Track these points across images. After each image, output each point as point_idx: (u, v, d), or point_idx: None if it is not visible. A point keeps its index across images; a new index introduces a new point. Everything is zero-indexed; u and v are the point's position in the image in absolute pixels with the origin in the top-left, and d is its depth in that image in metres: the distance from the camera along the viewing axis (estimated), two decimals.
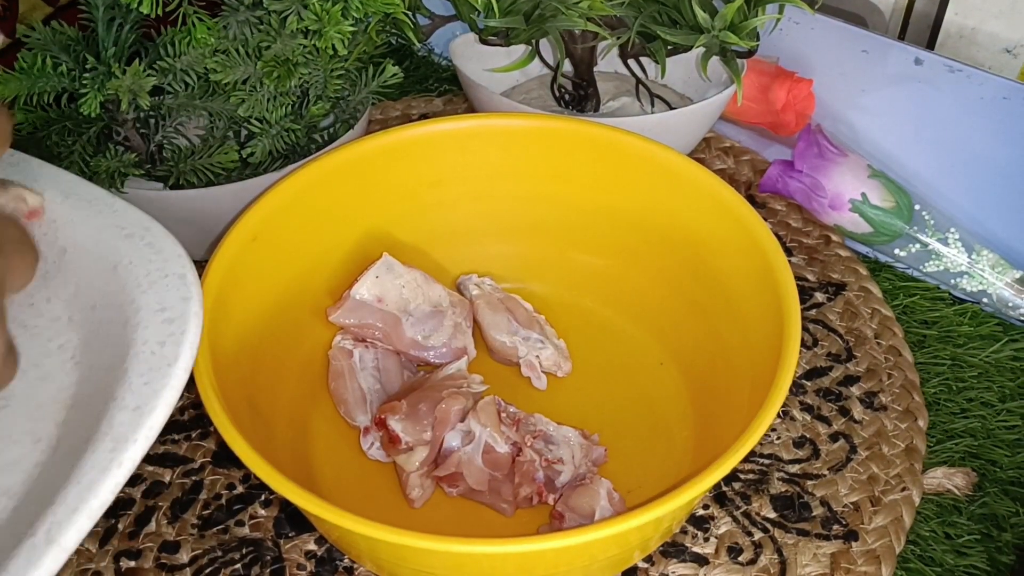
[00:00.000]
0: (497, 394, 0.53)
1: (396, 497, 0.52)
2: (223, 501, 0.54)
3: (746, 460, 0.55)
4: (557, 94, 0.70)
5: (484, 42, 0.64)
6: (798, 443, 0.56)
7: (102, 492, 0.34)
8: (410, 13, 0.60)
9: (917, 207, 0.65)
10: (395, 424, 0.50)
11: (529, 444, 0.51)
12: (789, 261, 0.50)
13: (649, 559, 0.51)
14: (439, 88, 0.83)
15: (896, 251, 0.66)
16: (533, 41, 0.64)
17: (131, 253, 0.42)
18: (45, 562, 0.32)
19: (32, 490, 0.38)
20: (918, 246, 0.65)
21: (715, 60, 0.62)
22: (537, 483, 0.50)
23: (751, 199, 0.71)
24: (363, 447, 0.54)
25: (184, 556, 0.51)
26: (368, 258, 0.57)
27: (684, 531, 0.52)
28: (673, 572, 0.50)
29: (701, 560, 0.51)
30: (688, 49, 0.60)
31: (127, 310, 0.40)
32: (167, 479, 0.55)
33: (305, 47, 0.55)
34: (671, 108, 0.69)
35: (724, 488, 0.54)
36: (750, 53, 0.61)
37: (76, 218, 0.45)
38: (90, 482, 0.34)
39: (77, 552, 0.50)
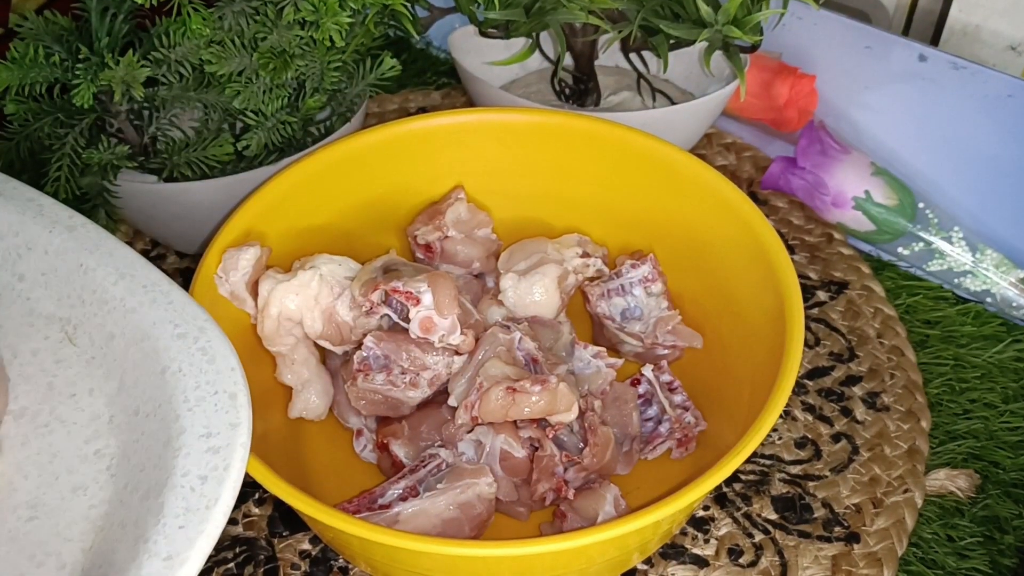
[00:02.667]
0: None
1: None
2: None
3: (747, 461, 0.54)
4: (557, 88, 0.69)
5: (484, 35, 0.63)
6: (799, 444, 0.56)
7: None
8: (408, 5, 0.59)
9: (921, 205, 0.65)
10: (398, 449, 0.50)
11: (551, 437, 0.49)
12: (791, 259, 0.49)
13: (648, 561, 0.50)
14: (437, 81, 0.82)
15: (899, 249, 0.65)
16: (533, 34, 0.63)
17: (182, 358, 0.40)
18: None
19: None
20: (921, 245, 0.64)
21: (717, 55, 0.62)
22: (557, 477, 0.49)
23: (753, 196, 0.70)
24: (356, 449, 0.53)
25: None
26: (363, 255, 0.56)
27: (684, 532, 0.51)
28: (673, 574, 0.50)
29: (701, 562, 0.50)
30: (691, 43, 0.59)
31: (171, 428, 0.38)
32: None
33: (302, 38, 0.54)
34: (672, 103, 0.69)
35: (725, 489, 0.53)
36: (753, 48, 0.60)
37: (128, 304, 0.42)
38: None
39: None
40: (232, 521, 0.52)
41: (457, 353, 0.50)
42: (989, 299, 0.63)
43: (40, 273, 0.45)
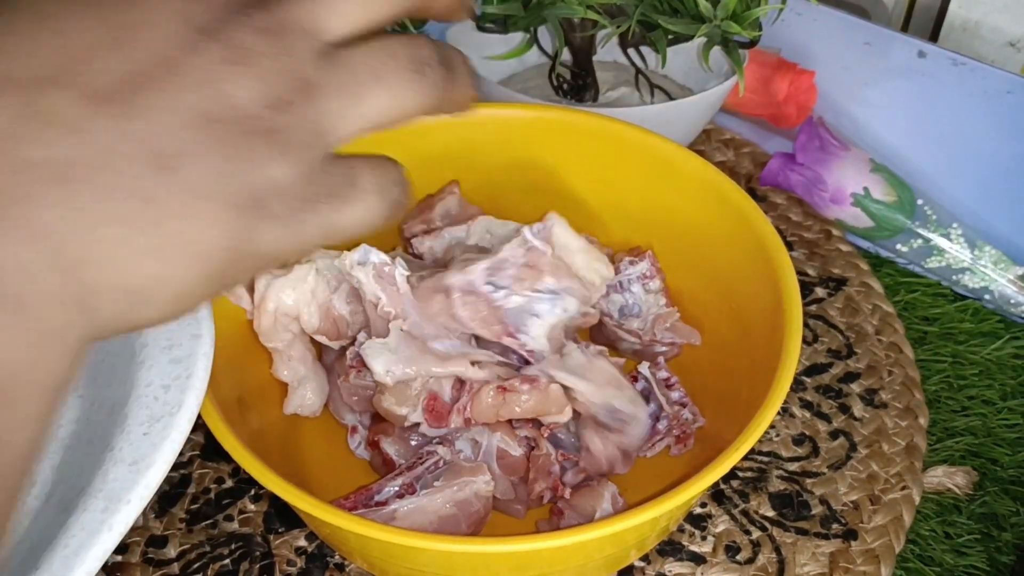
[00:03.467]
0: None
1: None
2: (212, 495, 0.53)
3: (744, 458, 0.54)
4: (555, 83, 0.69)
5: (481, 29, 0.63)
6: (797, 440, 0.56)
7: (89, 559, 0.31)
8: None
9: (919, 202, 0.65)
10: (388, 447, 0.49)
11: (546, 436, 0.49)
12: (789, 256, 0.49)
13: (646, 558, 0.50)
14: None
15: (898, 246, 0.65)
16: (531, 29, 0.63)
17: None
18: None
19: (22, 541, 0.35)
20: (920, 241, 0.64)
21: (716, 51, 0.61)
22: (553, 476, 0.48)
23: (751, 192, 0.70)
24: (350, 446, 0.53)
25: (172, 551, 0.50)
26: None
27: (681, 529, 0.51)
28: (670, 571, 0.50)
29: (698, 559, 0.50)
30: (689, 39, 0.59)
31: (134, 343, 0.38)
32: None
33: None
34: (671, 99, 0.69)
35: (722, 486, 0.53)
36: (752, 43, 0.60)
37: None
38: (77, 546, 0.31)
39: None
40: (228, 518, 0.52)
41: None
42: (988, 296, 0.63)
43: None
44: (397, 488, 0.46)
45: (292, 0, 0.25)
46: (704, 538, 0.51)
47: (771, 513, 0.52)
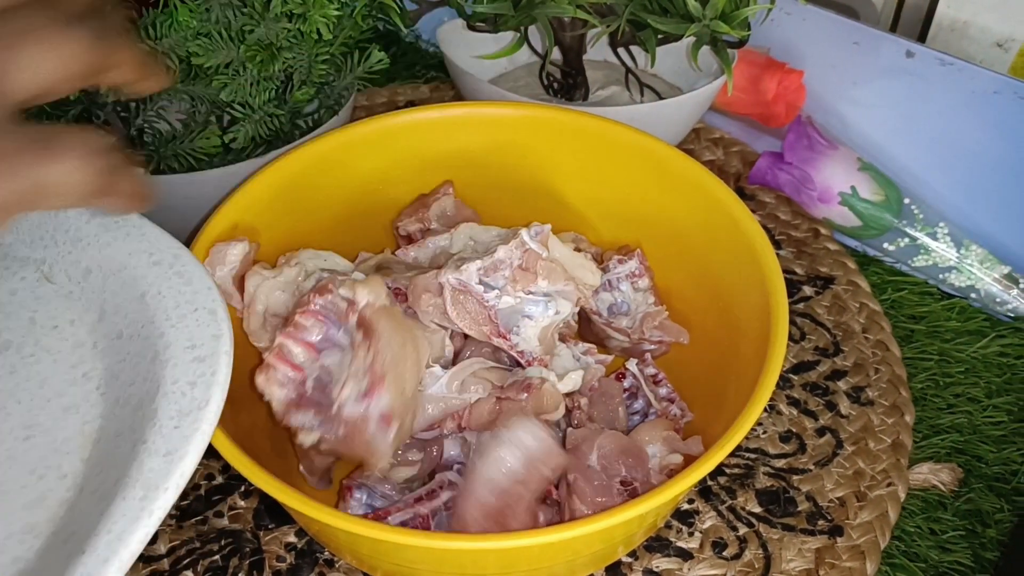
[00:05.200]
0: None
1: None
2: (202, 491, 0.53)
3: (732, 454, 0.55)
4: (545, 82, 0.69)
5: (472, 28, 0.63)
6: (784, 437, 0.56)
7: (132, 542, 0.33)
8: None
9: (907, 201, 0.65)
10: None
11: None
12: (777, 254, 0.50)
13: (633, 554, 0.50)
14: (426, 75, 0.82)
15: (885, 245, 0.66)
16: (522, 28, 0.63)
17: (160, 282, 0.42)
18: None
19: (59, 531, 0.37)
20: (907, 240, 0.65)
21: (705, 50, 0.62)
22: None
23: (740, 191, 0.71)
24: None
25: (161, 547, 0.50)
26: (351, 247, 0.56)
27: (668, 525, 0.52)
28: (657, 567, 0.50)
29: (685, 555, 0.51)
30: (679, 38, 0.59)
31: (156, 344, 0.40)
32: None
33: (289, 31, 0.54)
34: (660, 98, 0.69)
35: (709, 482, 0.54)
36: (741, 43, 0.60)
37: (103, 239, 0.44)
38: (120, 531, 0.34)
39: None
40: (218, 514, 0.52)
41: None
42: (974, 295, 0.64)
43: None
44: (410, 518, 0.46)
45: None
46: (691, 534, 0.51)
47: (758, 509, 0.53)
